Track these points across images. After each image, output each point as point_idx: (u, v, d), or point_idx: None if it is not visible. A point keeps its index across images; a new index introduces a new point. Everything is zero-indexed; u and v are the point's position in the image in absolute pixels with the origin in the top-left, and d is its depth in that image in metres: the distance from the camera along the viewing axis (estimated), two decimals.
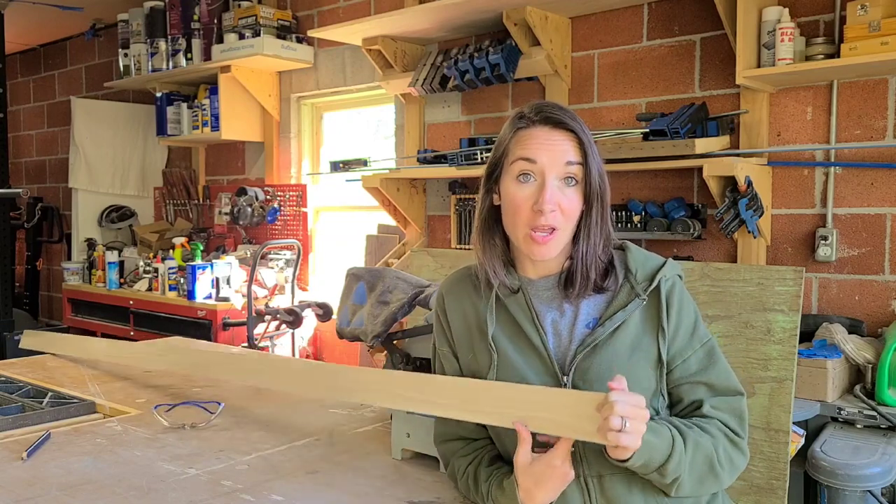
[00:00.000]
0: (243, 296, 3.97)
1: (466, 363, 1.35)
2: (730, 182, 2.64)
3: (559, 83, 3.28)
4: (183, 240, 4.52)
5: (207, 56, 4.48)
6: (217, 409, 1.85)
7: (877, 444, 2.20)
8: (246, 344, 3.78)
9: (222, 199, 4.86)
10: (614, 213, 2.94)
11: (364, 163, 3.70)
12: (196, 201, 5.07)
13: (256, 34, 4.18)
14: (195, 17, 4.53)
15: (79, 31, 5.75)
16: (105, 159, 5.28)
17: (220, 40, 4.40)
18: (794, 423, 2.19)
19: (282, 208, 4.50)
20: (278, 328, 3.92)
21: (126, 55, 4.90)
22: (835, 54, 2.54)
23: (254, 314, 3.79)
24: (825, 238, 2.67)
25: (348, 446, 1.68)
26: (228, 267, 4.18)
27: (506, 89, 3.52)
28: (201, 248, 4.34)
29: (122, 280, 4.74)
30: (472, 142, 3.37)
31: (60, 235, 5.91)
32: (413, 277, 1.81)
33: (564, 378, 1.25)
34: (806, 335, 2.49)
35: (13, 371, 2.34)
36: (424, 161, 3.55)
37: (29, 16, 5.27)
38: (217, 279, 4.14)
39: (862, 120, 2.62)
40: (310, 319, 3.97)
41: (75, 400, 2.00)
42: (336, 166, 3.74)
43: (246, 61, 4.27)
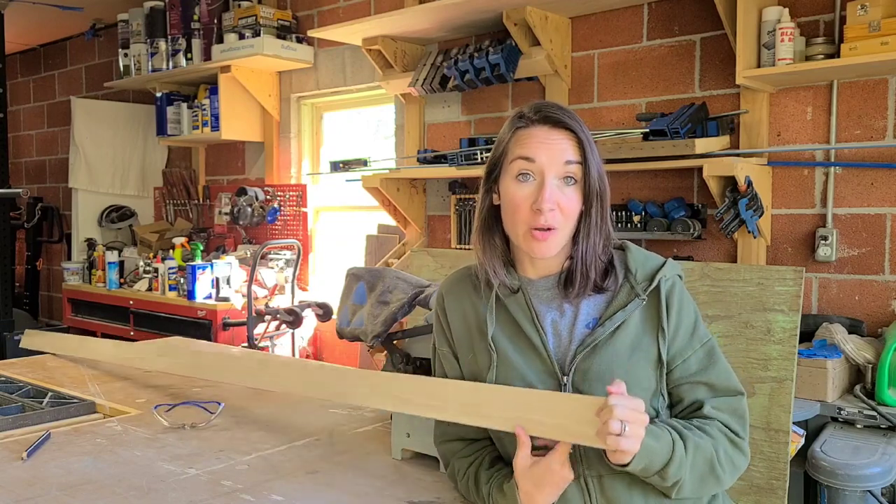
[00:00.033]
0: (243, 296, 3.97)
1: (466, 363, 1.35)
2: (730, 182, 2.64)
3: (559, 83, 3.28)
4: (183, 240, 4.52)
5: (207, 56, 4.48)
6: (217, 409, 1.85)
7: (877, 444, 2.20)
8: (246, 344, 3.78)
9: (222, 199, 4.86)
10: (614, 213, 2.94)
11: (364, 163, 3.70)
12: (196, 201, 5.07)
13: (256, 34, 4.18)
14: (195, 17, 4.53)
15: (79, 31, 5.75)
16: (105, 159, 5.28)
17: (220, 40, 4.40)
18: (794, 423, 2.19)
19: (282, 208, 4.50)
20: (278, 328, 3.92)
21: (126, 55, 4.90)
22: (835, 54, 2.54)
23: (254, 314, 3.79)
24: (825, 238, 2.67)
25: (348, 446, 1.68)
26: (228, 267, 4.18)
27: (506, 89, 3.52)
28: (201, 248, 4.34)
29: (122, 280, 4.74)
30: (472, 142, 3.37)
31: (60, 235, 5.91)
32: (413, 277, 1.81)
33: (564, 378, 1.24)
34: (806, 335, 2.49)
35: (13, 371, 2.34)
36: (424, 161, 3.55)
37: (29, 16, 5.27)
38: (217, 279, 4.14)
39: (862, 120, 2.62)
40: (310, 319, 3.97)
41: (75, 400, 2.00)
42: (336, 166, 3.74)
43: (246, 61, 4.27)
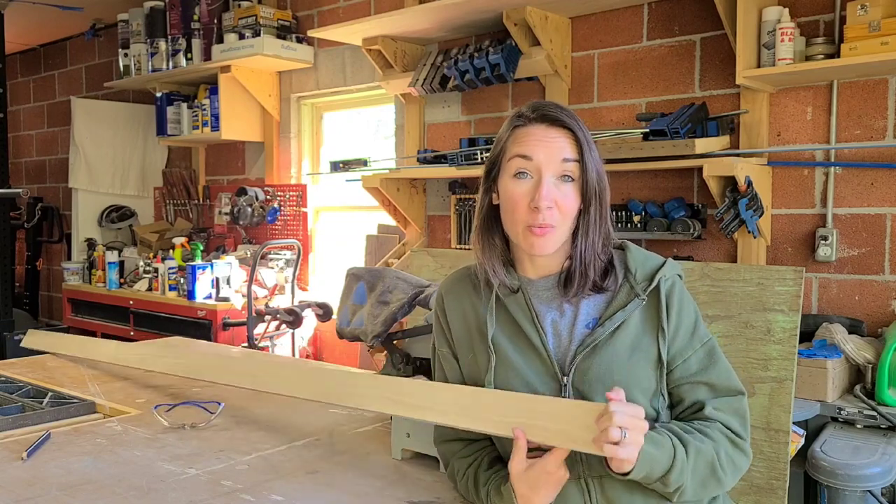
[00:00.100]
0: (243, 296, 3.97)
1: (466, 363, 1.35)
2: (730, 182, 2.64)
3: (559, 83, 3.28)
4: (183, 240, 4.52)
5: (207, 56, 4.48)
6: (217, 409, 1.85)
7: (877, 444, 2.19)
8: (246, 344, 3.78)
9: (222, 199, 4.86)
10: (614, 213, 2.94)
11: (364, 163, 3.70)
12: (196, 201, 5.07)
13: (256, 34, 4.18)
14: (195, 17, 4.53)
15: (79, 31, 5.75)
16: (105, 159, 5.28)
17: (220, 40, 4.40)
18: (794, 423, 2.19)
19: (282, 208, 4.50)
20: (278, 328, 3.92)
21: (126, 55, 4.90)
22: (835, 54, 2.54)
23: (254, 314, 3.79)
24: (825, 238, 2.67)
25: (348, 446, 1.68)
26: (228, 267, 4.18)
27: (506, 89, 3.52)
28: (201, 248, 4.34)
29: (122, 280, 4.74)
30: (472, 142, 3.37)
31: (60, 235, 5.91)
32: (413, 277, 1.81)
33: (564, 378, 1.24)
34: (806, 335, 2.49)
35: (13, 371, 2.34)
36: (424, 161, 3.55)
37: (29, 16, 5.27)
38: (217, 279, 4.14)
39: (862, 120, 2.62)
40: (310, 319, 3.97)
41: (75, 400, 2.00)
42: (336, 166, 3.73)
43: (246, 61, 4.27)
